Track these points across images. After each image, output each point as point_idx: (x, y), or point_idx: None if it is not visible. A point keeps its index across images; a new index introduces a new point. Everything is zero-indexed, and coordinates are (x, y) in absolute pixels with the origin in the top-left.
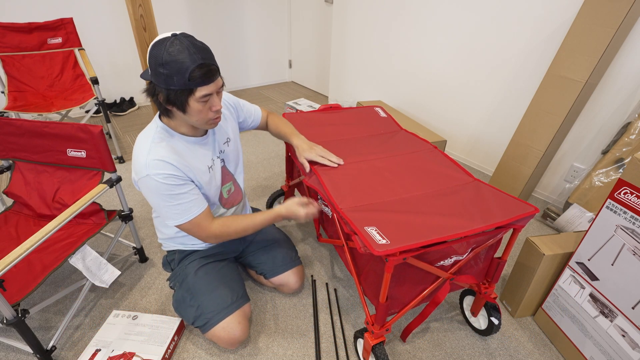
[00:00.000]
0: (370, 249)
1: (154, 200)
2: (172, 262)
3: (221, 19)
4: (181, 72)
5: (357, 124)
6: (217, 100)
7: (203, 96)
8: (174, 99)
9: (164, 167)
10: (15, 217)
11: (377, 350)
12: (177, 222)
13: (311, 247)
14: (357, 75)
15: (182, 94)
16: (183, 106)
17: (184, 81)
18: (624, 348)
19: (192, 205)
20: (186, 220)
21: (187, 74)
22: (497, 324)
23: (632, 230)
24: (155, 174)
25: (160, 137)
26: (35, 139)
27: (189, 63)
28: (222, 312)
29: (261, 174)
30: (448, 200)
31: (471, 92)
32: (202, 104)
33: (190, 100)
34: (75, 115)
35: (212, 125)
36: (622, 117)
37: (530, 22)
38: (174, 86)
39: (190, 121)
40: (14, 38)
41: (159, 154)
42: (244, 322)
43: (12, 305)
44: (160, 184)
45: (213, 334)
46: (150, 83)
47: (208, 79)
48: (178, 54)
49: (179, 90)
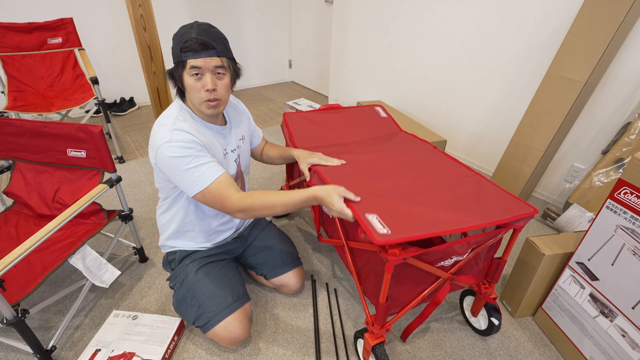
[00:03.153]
0: (371, 238)
1: (174, 165)
2: (173, 262)
3: (221, 19)
4: (179, 43)
5: (357, 125)
6: (208, 79)
7: (192, 67)
8: (174, 71)
9: (187, 135)
10: (15, 217)
11: (377, 350)
12: (201, 185)
13: (311, 247)
14: (357, 75)
15: (178, 67)
16: (181, 80)
17: (178, 51)
18: (624, 348)
19: (214, 166)
20: (209, 182)
21: (181, 44)
22: (497, 324)
23: (632, 230)
24: (178, 139)
25: (184, 116)
26: (35, 139)
27: (187, 35)
28: (223, 312)
29: (261, 174)
30: (449, 194)
31: (471, 91)
32: (195, 80)
33: (184, 74)
34: (75, 115)
35: (209, 109)
36: (622, 117)
37: (530, 22)
38: (174, 59)
39: (192, 100)
40: (14, 38)
41: (182, 126)
42: (245, 322)
43: (12, 305)
44: (183, 148)
45: (214, 334)
46: None
47: (197, 52)
48: (183, 29)
49: (176, 63)
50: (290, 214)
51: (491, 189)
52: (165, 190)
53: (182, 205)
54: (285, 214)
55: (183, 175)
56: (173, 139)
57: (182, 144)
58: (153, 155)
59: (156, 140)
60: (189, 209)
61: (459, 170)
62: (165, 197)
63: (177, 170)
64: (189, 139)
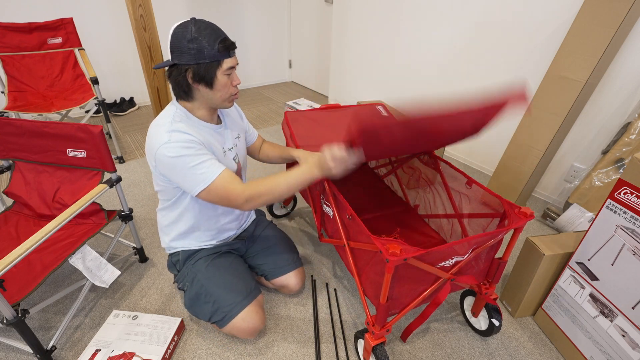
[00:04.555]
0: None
1: (176, 165)
2: (177, 263)
3: (221, 19)
4: (210, 43)
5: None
6: (236, 75)
7: (229, 68)
8: (204, 72)
9: (185, 136)
10: (15, 217)
11: (377, 350)
12: (205, 183)
13: (312, 247)
14: (357, 75)
15: (211, 67)
16: (212, 80)
17: (213, 53)
18: (624, 348)
19: (216, 162)
20: (213, 178)
21: (216, 45)
22: (498, 325)
23: (632, 230)
24: (176, 139)
25: (180, 117)
26: (35, 139)
27: (216, 36)
28: (240, 304)
29: (261, 174)
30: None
31: (471, 91)
32: (227, 78)
33: (218, 73)
34: (75, 115)
35: (231, 102)
36: (622, 117)
37: (531, 22)
38: (204, 59)
39: (214, 98)
40: (14, 38)
41: (179, 127)
42: (261, 312)
43: (12, 305)
44: (182, 148)
45: (233, 327)
46: (171, 67)
47: (232, 52)
48: (205, 29)
49: (208, 63)
50: (290, 214)
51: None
52: (166, 192)
53: (186, 206)
54: (286, 214)
55: (185, 175)
56: (172, 139)
57: (181, 144)
58: (151, 157)
59: (154, 142)
60: (194, 209)
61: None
62: (167, 199)
63: (179, 170)
64: (187, 138)
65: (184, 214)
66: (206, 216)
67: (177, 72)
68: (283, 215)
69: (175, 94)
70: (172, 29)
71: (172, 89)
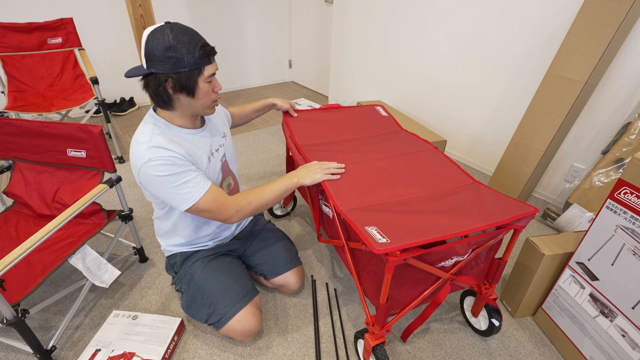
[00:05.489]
0: (371, 248)
1: (160, 184)
2: (175, 265)
3: (221, 19)
4: (190, 50)
5: (358, 124)
6: (217, 81)
7: (210, 75)
8: (185, 82)
9: (165, 152)
10: (15, 217)
11: (377, 350)
12: (192, 200)
13: (311, 247)
14: (357, 75)
15: (192, 76)
16: (193, 89)
17: (194, 60)
18: (624, 348)
19: (201, 180)
20: (199, 196)
21: (197, 52)
22: (498, 325)
23: (632, 230)
24: (157, 157)
25: (160, 130)
26: (35, 139)
27: (196, 42)
28: (236, 306)
29: (261, 174)
30: (448, 201)
31: (471, 92)
32: (208, 85)
33: (200, 81)
34: (75, 115)
35: (212, 109)
36: (622, 117)
37: (531, 22)
38: (184, 68)
39: (196, 106)
40: (14, 38)
41: (159, 142)
42: (258, 313)
43: (12, 305)
44: (165, 166)
45: (229, 329)
46: (148, 76)
47: (212, 58)
48: (183, 35)
49: (189, 71)
50: (290, 214)
51: (491, 194)
52: (157, 203)
53: (178, 214)
54: (286, 214)
55: (171, 194)
56: (152, 157)
57: (162, 161)
58: (136, 174)
59: (136, 161)
60: (187, 216)
61: (459, 177)
62: (160, 208)
63: (164, 189)
64: (168, 155)
65: (178, 223)
66: (202, 221)
67: (155, 83)
68: (283, 215)
69: (154, 103)
70: (146, 36)
71: (150, 98)
